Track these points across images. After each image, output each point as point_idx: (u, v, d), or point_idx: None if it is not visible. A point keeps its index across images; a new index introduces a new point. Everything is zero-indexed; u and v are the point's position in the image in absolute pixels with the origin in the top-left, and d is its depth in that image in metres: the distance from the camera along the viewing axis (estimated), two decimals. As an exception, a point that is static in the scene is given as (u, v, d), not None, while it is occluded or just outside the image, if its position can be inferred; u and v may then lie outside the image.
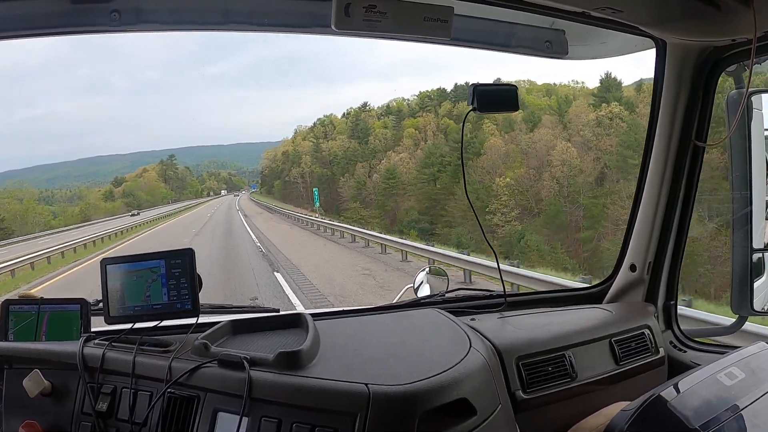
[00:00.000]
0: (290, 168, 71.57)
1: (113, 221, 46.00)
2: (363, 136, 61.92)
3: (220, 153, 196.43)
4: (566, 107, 42.71)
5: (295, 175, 69.61)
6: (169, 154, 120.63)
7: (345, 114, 72.08)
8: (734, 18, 1.38)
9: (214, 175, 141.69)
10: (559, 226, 34.89)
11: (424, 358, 1.27)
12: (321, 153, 66.64)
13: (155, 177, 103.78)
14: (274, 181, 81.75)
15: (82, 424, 1.28)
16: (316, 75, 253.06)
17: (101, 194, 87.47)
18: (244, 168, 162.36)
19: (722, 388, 1.22)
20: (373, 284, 10.99)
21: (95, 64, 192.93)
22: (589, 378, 1.52)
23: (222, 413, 1.18)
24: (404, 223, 41.22)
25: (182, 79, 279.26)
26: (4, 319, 1.43)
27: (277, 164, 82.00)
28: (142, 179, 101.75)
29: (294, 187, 69.50)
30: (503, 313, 1.71)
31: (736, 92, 1.57)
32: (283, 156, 79.27)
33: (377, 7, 1.34)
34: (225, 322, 1.42)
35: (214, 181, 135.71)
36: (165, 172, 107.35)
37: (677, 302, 1.84)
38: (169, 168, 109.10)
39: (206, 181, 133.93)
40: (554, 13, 1.53)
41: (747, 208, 1.62)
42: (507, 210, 37.19)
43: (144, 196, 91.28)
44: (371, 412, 1.08)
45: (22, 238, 37.54)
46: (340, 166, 59.94)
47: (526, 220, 36.69)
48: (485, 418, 1.19)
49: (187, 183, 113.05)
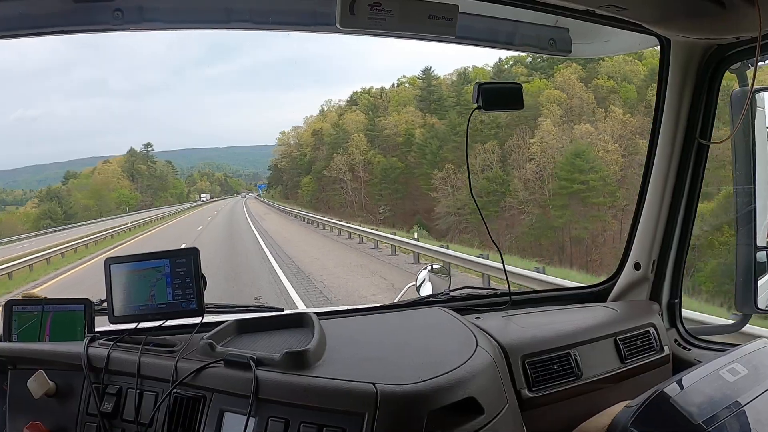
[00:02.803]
0: (330, 156, 48.76)
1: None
2: (440, 108, 42.09)
3: (216, 155, 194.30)
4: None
5: (338, 167, 47.03)
6: (145, 143, 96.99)
7: (397, 84, 50.50)
8: (739, 16, 1.38)
9: (206, 175, 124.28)
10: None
11: (432, 357, 1.27)
12: (378, 132, 45.94)
13: (118, 172, 74.85)
14: (297, 178, 57.51)
15: (87, 425, 1.28)
16: (315, 79, 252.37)
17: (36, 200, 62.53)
18: (240, 171, 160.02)
19: (725, 385, 1.23)
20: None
21: (92, 65, 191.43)
22: (595, 376, 1.52)
23: (228, 413, 1.17)
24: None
25: (179, 81, 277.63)
26: (8, 320, 1.42)
27: (303, 152, 57.46)
28: (99, 175, 72.59)
29: (336, 187, 47.32)
30: (508, 311, 1.71)
31: (741, 90, 1.57)
32: (314, 138, 55.06)
33: (382, 4, 1.34)
34: (230, 322, 1.42)
35: (206, 182, 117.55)
36: (133, 165, 77.48)
37: (681, 300, 1.85)
38: (139, 160, 79.63)
39: (197, 181, 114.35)
40: (559, 11, 1.53)
41: (751, 205, 1.62)
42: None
43: (85, 201, 62.72)
44: (379, 412, 1.07)
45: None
46: (424, 155, 39.16)
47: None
48: (493, 417, 1.19)
49: (168, 182, 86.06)
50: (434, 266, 2.08)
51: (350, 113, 51.23)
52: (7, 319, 1.42)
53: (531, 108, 35.66)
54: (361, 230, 19.53)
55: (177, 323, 1.43)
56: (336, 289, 10.36)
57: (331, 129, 52.76)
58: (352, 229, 20.41)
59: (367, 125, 47.90)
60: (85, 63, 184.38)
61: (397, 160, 42.65)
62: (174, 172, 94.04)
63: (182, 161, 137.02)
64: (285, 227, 27.90)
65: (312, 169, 53.40)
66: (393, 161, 42.28)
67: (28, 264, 16.89)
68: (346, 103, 56.14)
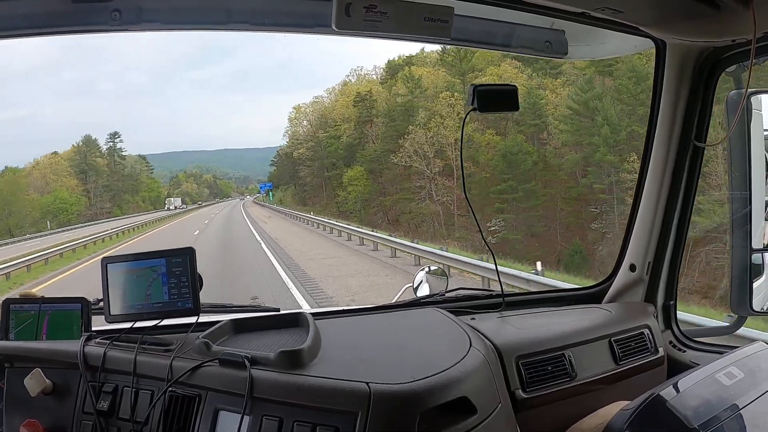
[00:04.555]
0: (398, 131, 29.32)
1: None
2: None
3: (206, 158, 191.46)
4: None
5: (417, 149, 27.35)
6: (111, 132, 74.77)
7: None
8: (734, 18, 1.39)
9: (193, 176, 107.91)
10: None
11: (425, 357, 1.28)
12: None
13: (64, 167, 55.21)
14: (324, 172, 38.25)
15: (83, 423, 1.29)
16: (306, 83, 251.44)
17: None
18: (230, 173, 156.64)
19: (721, 388, 1.23)
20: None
21: (81, 67, 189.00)
22: (589, 377, 1.53)
23: (223, 412, 1.18)
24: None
25: (168, 82, 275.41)
26: (5, 319, 1.43)
27: (336, 131, 37.25)
28: (38, 172, 53.05)
29: (412, 188, 28.20)
30: (503, 312, 1.71)
31: (736, 93, 1.57)
32: (359, 108, 35.03)
33: (378, 7, 1.34)
34: (226, 321, 1.43)
35: (192, 184, 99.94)
36: (86, 158, 56.49)
37: (677, 302, 1.85)
38: (94, 152, 58.28)
39: (182, 183, 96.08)
40: (555, 13, 1.53)
41: (746, 208, 1.62)
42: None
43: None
44: (372, 411, 1.08)
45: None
46: (587, 133, 21.73)
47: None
48: (485, 416, 1.19)
49: (140, 183, 67.50)
50: (431, 267, 2.09)
51: (422, 69, 31.63)
52: (4, 317, 1.43)
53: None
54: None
55: (173, 322, 1.44)
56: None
57: (401, 88, 31.18)
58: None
59: (450, 85, 28.17)
60: (71, 65, 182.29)
61: (524, 139, 24.30)
62: (149, 169, 74.11)
63: (171, 164, 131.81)
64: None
65: (357, 156, 32.78)
66: (518, 141, 23.16)
67: None
68: (385, 72, 38.51)
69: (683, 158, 1.70)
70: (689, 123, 1.67)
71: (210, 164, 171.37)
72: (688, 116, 1.66)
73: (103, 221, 46.00)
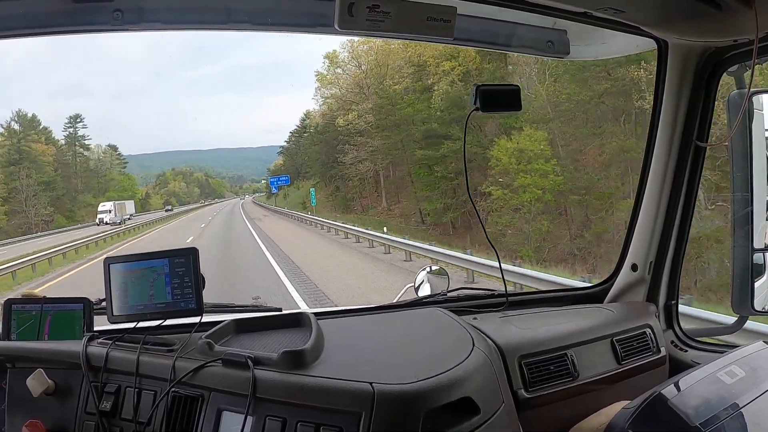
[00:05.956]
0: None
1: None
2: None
3: (199, 158, 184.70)
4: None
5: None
6: (72, 115, 58.97)
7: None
8: (736, 18, 1.38)
9: (183, 174, 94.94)
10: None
11: (428, 357, 1.28)
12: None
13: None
14: (416, 150, 23.45)
15: (85, 424, 1.28)
16: (301, 83, 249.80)
17: None
18: (224, 173, 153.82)
19: (722, 387, 1.23)
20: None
21: (73, 66, 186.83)
22: (591, 377, 1.53)
23: (226, 412, 1.18)
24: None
25: (160, 82, 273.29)
26: (7, 319, 1.43)
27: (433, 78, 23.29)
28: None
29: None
30: (505, 312, 1.72)
31: (738, 93, 1.57)
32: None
33: (380, 6, 1.34)
34: (228, 321, 1.43)
35: (181, 183, 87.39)
36: (20, 144, 41.49)
37: (678, 302, 1.85)
38: (31, 134, 43.30)
39: (169, 182, 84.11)
40: (557, 13, 1.53)
41: (748, 208, 1.62)
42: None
43: None
44: (376, 411, 1.08)
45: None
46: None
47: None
48: (489, 416, 1.19)
49: (109, 180, 52.15)
50: (433, 267, 2.09)
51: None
52: (6, 318, 1.43)
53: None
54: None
55: (176, 323, 1.43)
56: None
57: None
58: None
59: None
60: (64, 64, 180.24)
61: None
62: (121, 164, 56.56)
63: (162, 163, 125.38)
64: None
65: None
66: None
67: None
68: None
69: (685, 158, 1.70)
70: (691, 123, 1.67)
71: (203, 164, 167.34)
72: (689, 116, 1.66)
73: (17, 240, 30.29)
